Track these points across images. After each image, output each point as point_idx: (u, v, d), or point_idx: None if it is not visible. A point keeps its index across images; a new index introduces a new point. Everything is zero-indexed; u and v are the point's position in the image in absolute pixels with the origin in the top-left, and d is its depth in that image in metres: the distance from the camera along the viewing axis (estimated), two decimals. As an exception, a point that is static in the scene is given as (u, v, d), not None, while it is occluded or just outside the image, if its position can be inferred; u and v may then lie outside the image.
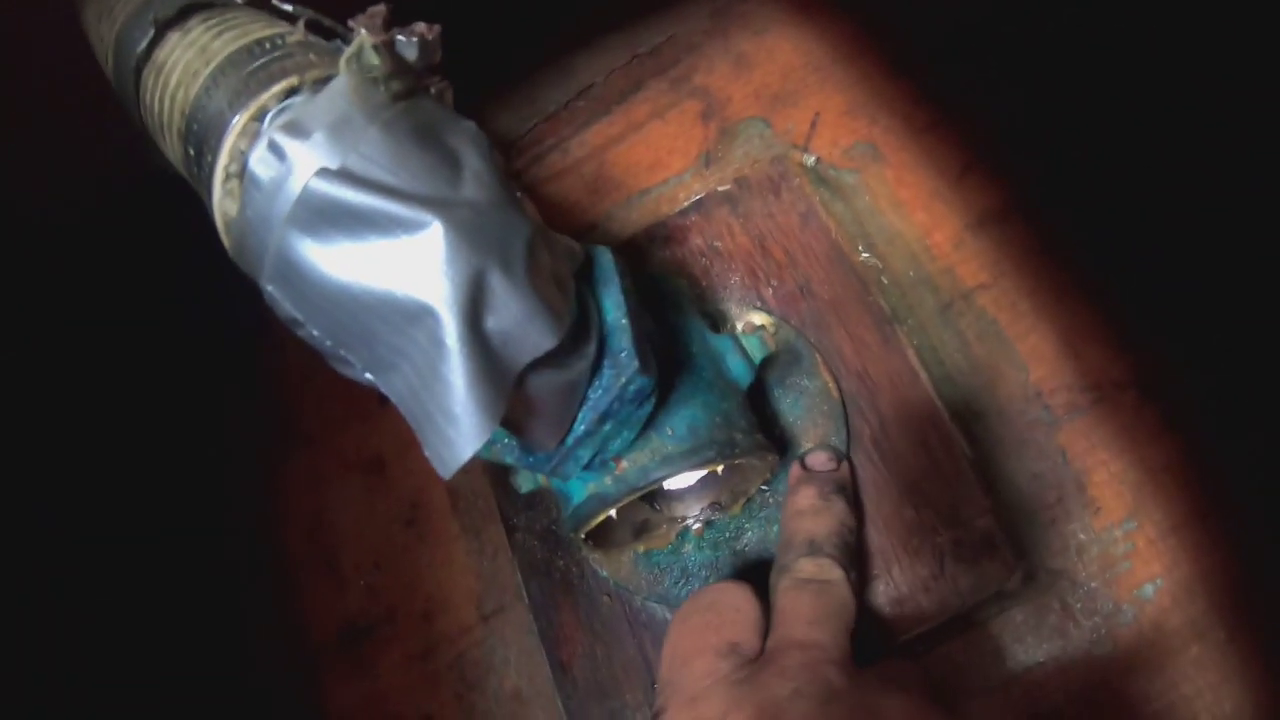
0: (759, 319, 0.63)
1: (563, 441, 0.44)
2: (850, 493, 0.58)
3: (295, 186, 0.37)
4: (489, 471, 0.69)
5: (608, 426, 0.44)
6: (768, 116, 0.72)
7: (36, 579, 0.70)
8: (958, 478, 0.59)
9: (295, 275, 0.37)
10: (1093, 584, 0.59)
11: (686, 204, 0.68)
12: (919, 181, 0.67)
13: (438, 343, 0.36)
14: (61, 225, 0.82)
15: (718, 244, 0.66)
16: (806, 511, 0.55)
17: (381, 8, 0.44)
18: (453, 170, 0.39)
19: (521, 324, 0.38)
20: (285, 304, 0.38)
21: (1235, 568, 0.57)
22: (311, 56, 0.42)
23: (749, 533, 0.60)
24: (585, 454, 0.45)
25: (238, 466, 0.79)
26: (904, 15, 0.71)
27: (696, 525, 0.59)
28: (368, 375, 0.39)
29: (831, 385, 0.61)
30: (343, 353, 0.39)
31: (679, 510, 0.59)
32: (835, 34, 0.72)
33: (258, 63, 0.42)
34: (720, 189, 0.68)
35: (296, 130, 0.37)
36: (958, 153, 0.67)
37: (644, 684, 0.62)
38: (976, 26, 0.68)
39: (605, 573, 0.62)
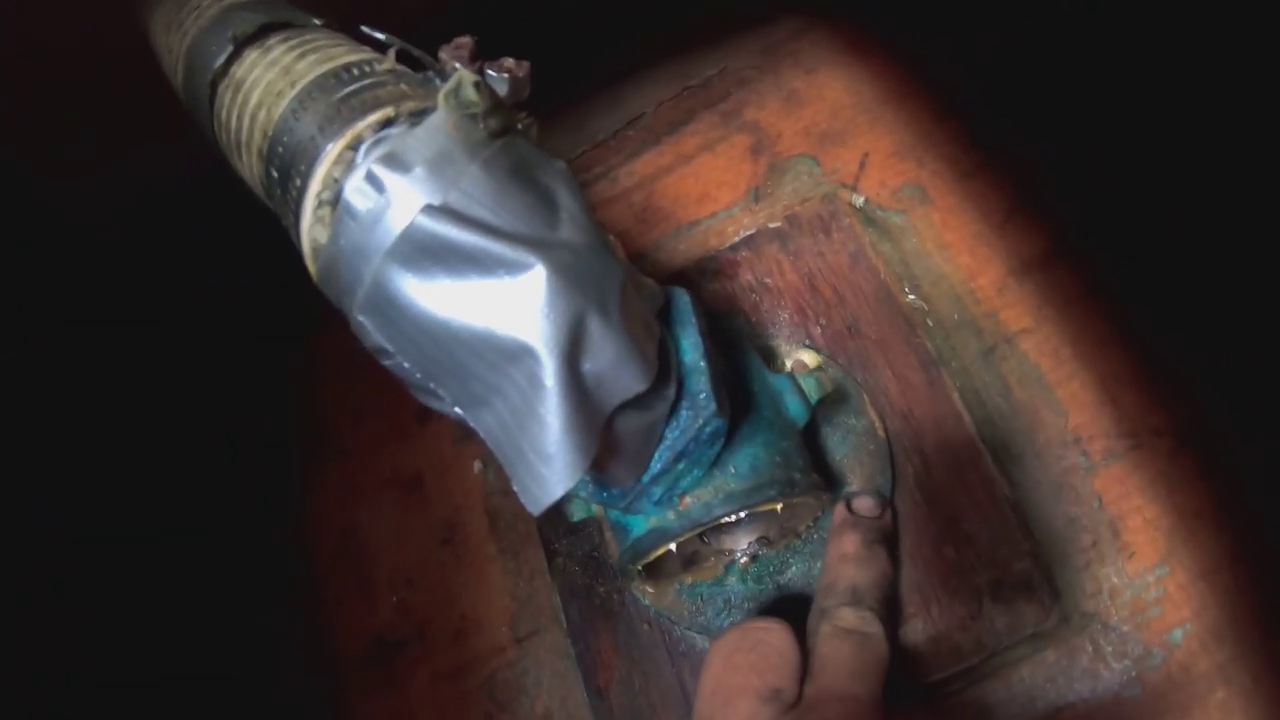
0: (807, 356, 0.64)
1: (638, 479, 0.45)
2: (893, 542, 0.59)
3: (395, 220, 0.37)
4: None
5: (681, 465, 0.45)
6: (817, 154, 0.74)
7: (70, 589, 0.70)
8: (998, 519, 0.61)
9: (392, 308, 0.38)
10: (1124, 627, 0.60)
11: (736, 239, 0.69)
12: (964, 225, 0.68)
13: (536, 383, 0.37)
14: (100, 226, 0.82)
15: (768, 280, 0.67)
16: (851, 558, 0.56)
17: (468, 39, 0.44)
18: (550, 211, 0.39)
19: (615, 367, 0.38)
20: (377, 335, 0.39)
21: (1263, 614, 0.58)
22: (404, 87, 0.42)
23: (793, 567, 0.61)
24: (658, 491, 0.46)
25: (271, 478, 0.79)
26: (952, 60, 0.72)
27: (744, 559, 0.60)
28: (457, 409, 0.40)
29: (878, 424, 0.62)
30: (433, 386, 0.40)
31: (728, 544, 0.60)
32: (884, 75, 0.74)
33: (348, 89, 0.42)
34: (771, 225, 0.69)
35: (396, 163, 0.37)
36: (1003, 198, 0.68)
37: (681, 713, 0.63)
38: (1023, 73, 0.70)
39: (647, 601, 0.63)
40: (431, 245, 0.36)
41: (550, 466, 0.37)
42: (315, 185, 0.40)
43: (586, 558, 0.66)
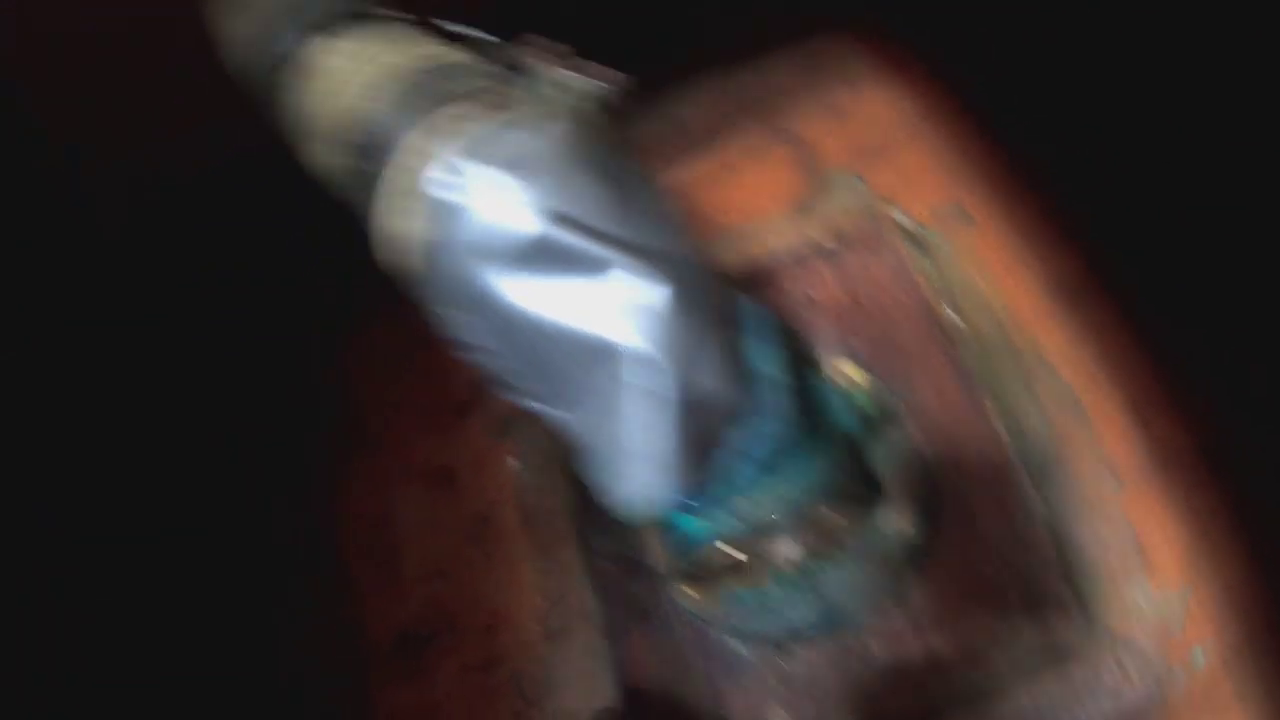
0: (850, 370, 0.65)
1: (704, 482, 0.46)
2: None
3: (516, 222, 0.37)
4: (567, 493, 0.70)
5: (747, 470, 0.46)
6: (860, 169, 0.75)
7: (98, 572, 0.70)
8: (1032, 537, 0.62)
9: (491, 306, 0.38)
10: (1148, 646, 0.62)
11: (780, 250, 0.70)
12: (1005, 246, 0.70)
13: (653, 394, 0.37)
14: (133, 209, 0.81)
15: (812, 293, 0.69)
16: None
17: (565, 47, 0.45)
18: (662, 225, 0.40)
19: (723, 381, 0.39)
20: (477, 333, 0.39)
21: (1282, 637, 0.60)
22: (505, 86, 0.42)
23: (831, 575, 0.62)
24: (720, 493, 0.47)
25: (304, 467, 0.79)
26: (996, 79, 0.74)
27: (786, 565, 0.61)
28: (543, 406, 0.40)
29: (917, 439, 0.63)
30: (532, 386, 0.40)
31: (772, 549, 0.61)
32: (928, 92, 0.75)
33: (443, 82, 0.42)
34: (816, 238, 0.70)
35: (516, 166, 0.38)
36: (1044, 220, 0.70)
37: (712, 715, 0.64)
38: (1068, 95, 0.71)
39: (686, 603, 0.64)
40: (550, 249, 0.36)
41: (658, 473, 0.38)
42: (410, 175, 0.40)
43: (624, 558, 0.67)
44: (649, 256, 0.37)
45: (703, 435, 0.39)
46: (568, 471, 0.71)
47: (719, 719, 0.63)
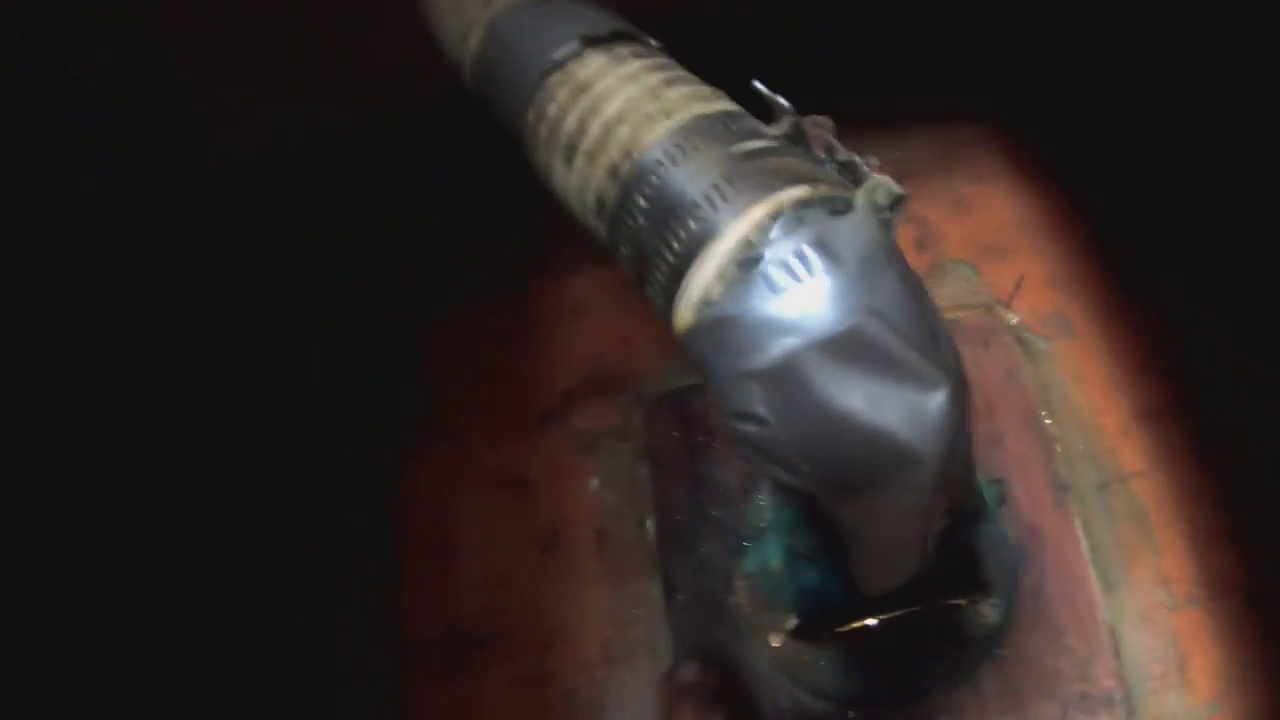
0: (979, 471, 0.68)
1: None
2: (727, 692, 0.62)
3: (822, 307, 0.38)
4: (656, 526, 0.71)
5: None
6: (977, 264, 0.78)
7: (162, 534, 0.67)
8: (1095, 638, 0.67)
9: (797, 387, 0.39)
10: (1176, 753, 0.67)
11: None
12: (1101, 362, 0.74)
13: (915, 488, 0.39)
14: (244, 163, 0.78)
15: (926, 376, 0.71)
16: None
17: (829, 120, 0.46)
18: (935, 331, 0.42)
19: (963, 479, 0.41)
20: (761, 404, 0.40)
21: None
22: (809, 166, 0.43)
23: (918, 649, 0.65)
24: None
25: (377, 451, 0.78)
26: (1116, 200, 0.78)
27: (875, 627, 0.64)
28: (816, 488, 0.41)
29: (1011, 533, 0.67)
30: (800, 462, 0.41)
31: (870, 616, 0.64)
32: (1052, 198, 0.79)
33: (748, 146, 0.43)
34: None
35: (827, 251, 0.39)
36: (1140, 343, 0.74)
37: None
38: (1180, 221, 0.76)
39: (767, 653, 0.65)
40: (866, 346, 0.38)
41: (900, 559, 0.40)
42: (727, 243, 0.40)
43: (709, 599, 0.68)
44: (936, 363, 0.39)
45: (942, 534, 0.41)
46: (658, 502, 0.72)
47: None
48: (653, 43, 0.50)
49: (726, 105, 0.46)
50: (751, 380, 0.40)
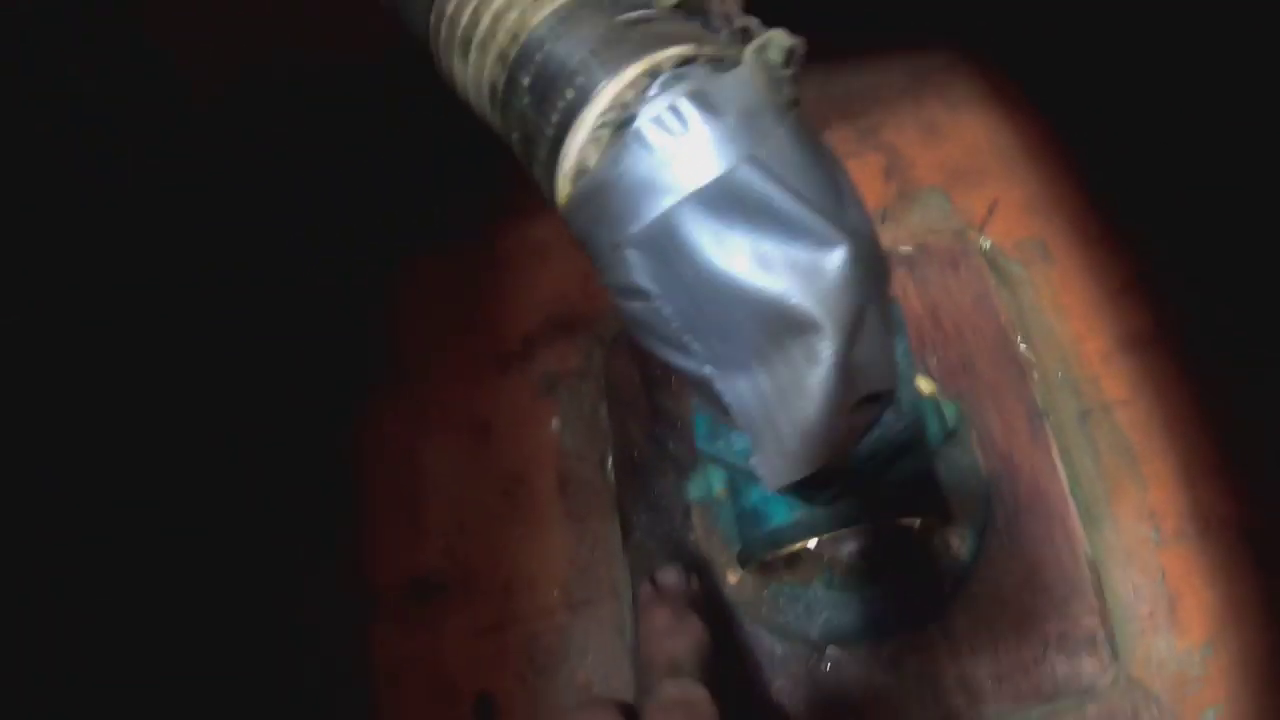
0: (924, 385, 0.65)
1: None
2: (702, 605, 0.60)
3: (701, 161, 0.36)
4: (614, 465, 0.69)
5: (868, 465, 0.46)
6: (948, 190, 0.75)
7: (125, 498, 0.66)
8: (1075, 574, 0.63)
9: (674, 250, 0.36)
10: (1163, 697, 0.63)
11: (863, 254, 0.70)
12: (1081, 288, 0.71)
13: (814, 358, 0.36)
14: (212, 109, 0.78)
15: (892, 301, 0.68)
16: (664, 632, 0.57)
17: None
18: (839, 191, 0.39)
19: (876, 360, 0.38)
20: (641, 274, 0.38)
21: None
22: (696, 29, 0.41)
23: (879, 583, 0.62)
24: (838, 486, 0.47)
25: (341, 392, 0.76)
26: (1093, 122, 0.74)
27: (839, 567, 0.61)
28: (707, 369, 0.39)
29: (981, 463, 0.64)
30: (688, 338, 0.39)
31: (831, 550, 0.61)
32: (1026, 124, 0.75)
33: (631, 14, 0.41)
34: (902, 249, 0.70)
35: (705, 103, 0.36)
36: (1121, 268, 0.71)
37: (732, 706, 0.63)
38: (1158, 148, 0.72)
39: (726, 591, 0.63)
40: (746, 197, 0.35)
41: (807, 442, 0.37)
42: (599, 105, 0.38)
43: (665, 537, 0.66)
44: (834, 220, 0.36)
45: (852, 410, 0.38)
46: (615, 441, 0.70)
47: (744, 712, 0.62)
48: None
49: None
50: (629, 248, 0.37)
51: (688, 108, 0.36)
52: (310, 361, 0.78)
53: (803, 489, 0.47)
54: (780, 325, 0.36)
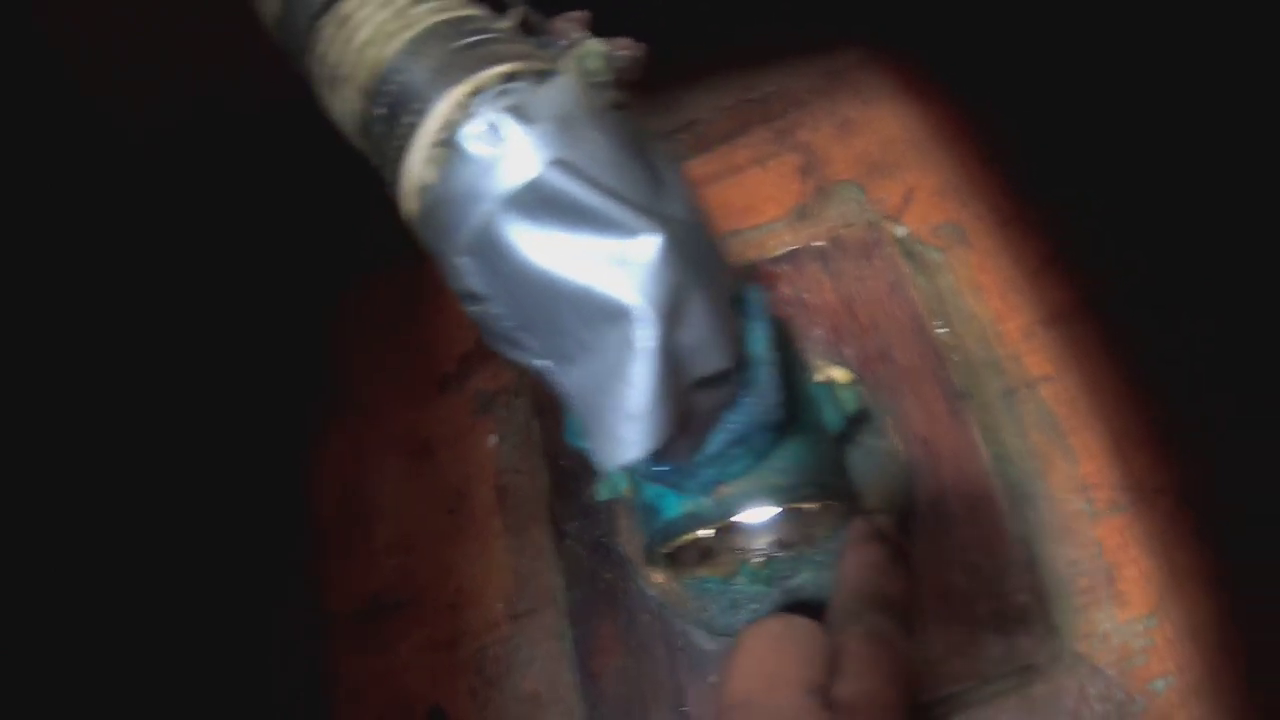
0: (839, 375, 0.65)
1: (692, 458, 0.46)
2: (909, 561, 0.60)
3: (514, 168, 0.38)
4: (546, 476, 0.70)
5: (737, 451, 0.47)
6: (864, 183, 0.76)
7: (58, 524, 0.69)
8: (1004, 552, 0.63)
9: (497, 254, 0.39)
10: (1110, 672, 0.62)
11: (778, 253, 0.71)
12: (999, 269, 0.71)
13: (632, 346, 0.38)
14: (144, 147, 0.82)
15: (806, 296, 0.69)
16: (879, 567, 0.57)
17: (584, 12, 0.46)
18: (659, 185, 0.41)
19: (706, 342, 0.40)
20: (474, 279, 0.40)
21: (1244, 676, 0.60)
22: (525, 47, 0.43)
23: (803, 574, 0.62)
24: (710, 473, 0.48)
25: (285, 426, 0.79)
26: (1004, 108, 0.75)
27: (758, 559, 0.61)
28: (541, 362, 0.41)
29: (899, 448, 0.64)
30: (521, 336, 0.40)
31: (744, 542, 0.61)
32: (939, 114, 0.76)
33: (467, 40, 0.43)
34: (815, 244, 0.71)
35: (521, 115, 0.39)
36: (1038, 246, 0.71)
37: (671, 705, 0.64)
38: (1074, 127, 0.73)
39: (653, 591, 0.64)
40: (554, 198, 0.37)
41: (632, 428, 0.38)
42: (432, 125, 0.40)
43: (595, 542, 0.67)
44: (644, 211, 0.38)
45: (679, 391, 0.39)
46: (546, 451, 0.71)
47: (678, 711, 0.63)
48: None
49: (467, 11, 0.46)
50: (460, 256, 0.40)
51: (505, 120, 0.38)
52: (257, 391, 0.81)
53: (669, 476, 0.48)
54: (599, 315, 0.38)
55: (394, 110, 0.44)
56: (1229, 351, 0.66)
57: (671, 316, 0.39)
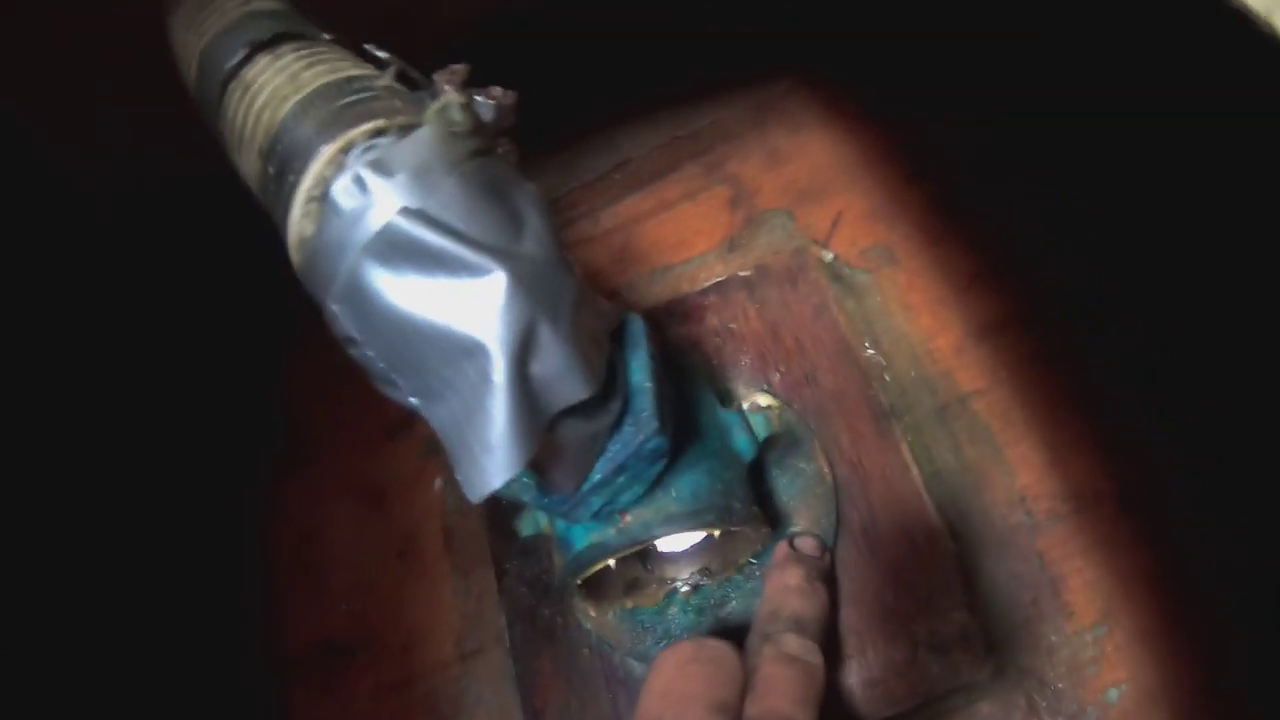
0: (764, 401, 0.66)
1: (579, 487, 0.47)
2: (832, 585, 0.61)
3: (375, 219, 0.40)
4: (486, 516, 0.71)
5: (621, 479, 0.47)
6: (793, 210, 0.77)
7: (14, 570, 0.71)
8: (938, 570, 0.62)
9: (363, 299, 0.40)
10: (1060, 684, 0.61)
11: (707, 284, 0.72)
12: (928, 287, 0.71)
13: (486, 379, 0.39)
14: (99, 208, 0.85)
15: (732, 325, 0.70)
16: (795, 589, 0.58)
17: (463, 66, 0.48)
18: (515, 226, 0.42)
19: (561, 373, 0.41)
20: (347, 324, 0.42)
21: (1198, 680, 0.59)
22: (398, 103, 0.45)
23: (733, 602, 0.62)
24: (597, 502, 0.48)
25: (242, 477, 0.81)
26: (929, 129, 0.76)
27: (685, 589, 0.62)
28: (413, 400, 0.42)
29: (826, 471, 0.64)
30: (394, 376, 0.42)
31: (670, 572, 0.62)
32: (865, 140, 0.77)
33: (347, 99, 0.45)
34: (740, 274, 0.72)
35: (382, 168, 0.41)
36: (967, 264, 0.71)
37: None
38: (994, 146, 0.73)
39: (589, 626, 0.64)
40: (404, 244, 0.39)
41: (491, 458, 0.40)
42: (307, 182, 0.43)
43: (535, 579, 0.68)
44: (492, 251, 0.39)
45: (538, 420, 0.40)
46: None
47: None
48: (325, 37, 0.54)
49: (353, 71, 0.49)
50: (333, 304, 0.42)
51: (367, 174, 0.41)
52: (212, 442, 0.83)
53: (559, 507, 0.49)
54: (456, 352, 0.40)
55: (281, 169, 0.46)
56: (1158, 356, 0.66)
57: (522, 350, 0.40)
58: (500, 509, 0.71)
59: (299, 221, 0.43)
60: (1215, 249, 0.67)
